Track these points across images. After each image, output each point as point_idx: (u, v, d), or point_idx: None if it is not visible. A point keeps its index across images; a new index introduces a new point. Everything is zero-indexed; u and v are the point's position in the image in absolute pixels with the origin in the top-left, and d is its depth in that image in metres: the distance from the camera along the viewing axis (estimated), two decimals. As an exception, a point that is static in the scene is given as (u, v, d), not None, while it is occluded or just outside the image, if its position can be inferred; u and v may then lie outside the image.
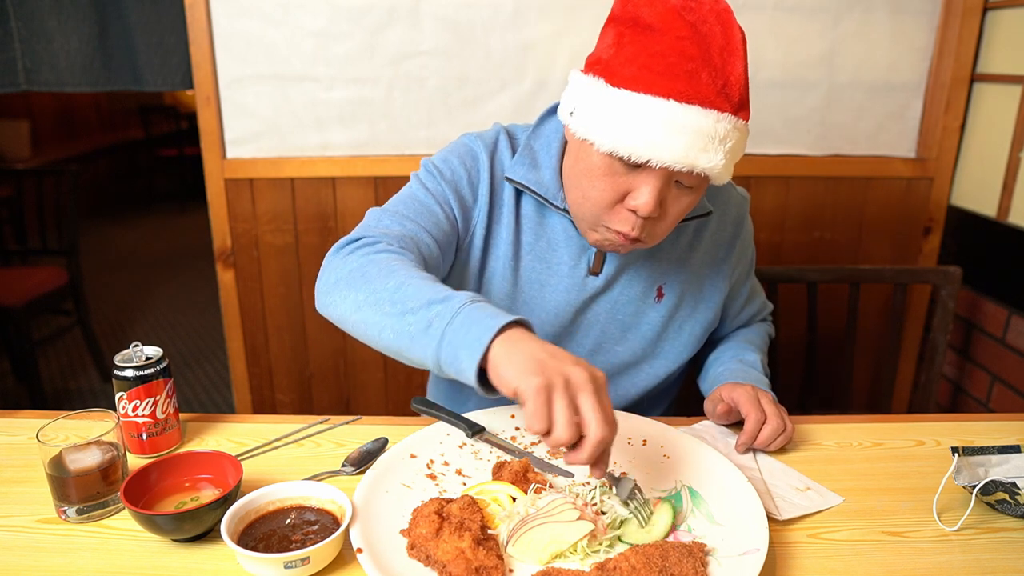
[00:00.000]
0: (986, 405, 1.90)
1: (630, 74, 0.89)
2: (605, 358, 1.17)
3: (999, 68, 1.85)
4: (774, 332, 1.36)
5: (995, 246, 1.86)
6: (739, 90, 0.89)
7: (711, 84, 0.87)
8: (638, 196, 0.92)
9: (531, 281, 1.12)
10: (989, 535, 0.85)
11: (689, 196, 0.96)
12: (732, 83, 0.88)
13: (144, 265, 5.22)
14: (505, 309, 0.98)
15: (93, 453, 0.87)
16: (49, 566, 0.78)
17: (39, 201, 3.09)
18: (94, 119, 6.56)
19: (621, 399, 1.20)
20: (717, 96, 0.88)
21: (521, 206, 1.11)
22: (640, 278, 1.13)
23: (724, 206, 1.18)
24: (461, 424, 1.02)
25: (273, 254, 2.04)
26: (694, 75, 0.87)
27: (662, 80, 0.87)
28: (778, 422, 0.99)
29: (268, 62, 1.88)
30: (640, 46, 0.90)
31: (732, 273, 1.21)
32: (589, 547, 0.77)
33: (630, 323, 1.15)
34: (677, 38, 0.87)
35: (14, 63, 1.83)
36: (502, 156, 1.11)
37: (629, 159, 0.90)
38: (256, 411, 2.15)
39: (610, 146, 0.90)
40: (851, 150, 2.01)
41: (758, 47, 1.90)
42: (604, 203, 0.96)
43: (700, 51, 0.87)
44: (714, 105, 0.87)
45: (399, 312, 0.83)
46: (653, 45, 0.89)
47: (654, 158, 0.88)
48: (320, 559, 0.76)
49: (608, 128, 0.90)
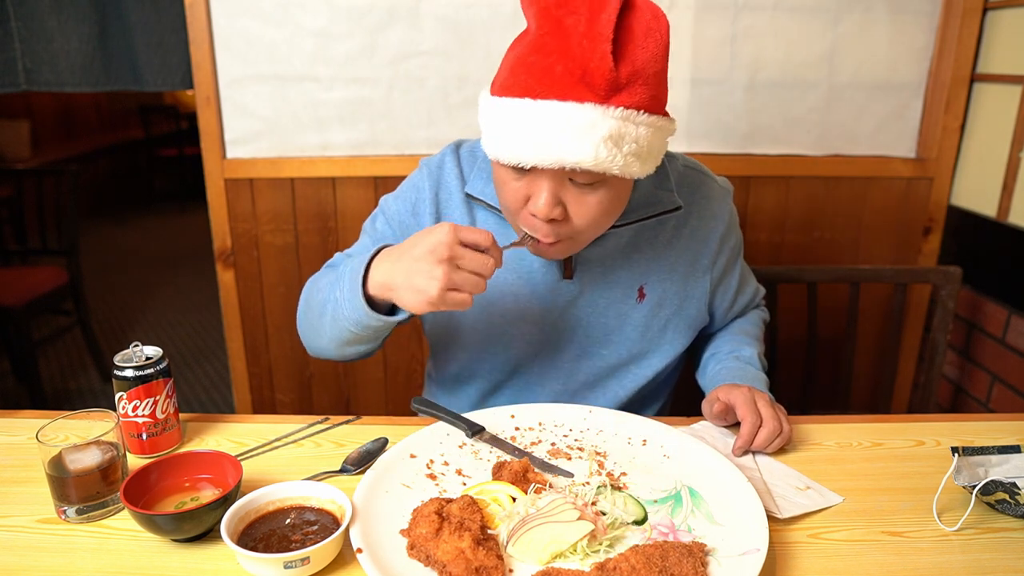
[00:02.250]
0: (986, 405, 1.91)
1: (500, 81, 0.92)
2: (592, 362, 1.17)
3: (999, 68, 1.85)
4: (768, 316, 1.34)
5: (995, 246, 1.86)
6: (604, 75, 0.84)
7: (566, 75, 0.85)
8: (535, 200, 0.93)
9: (504, 293, 1.12)
10: (989, 535, 0.85)
11: (595, 195, 0.93)
12: (593, 70, 0.84)
13: (144, 265, 5.22)
14: (483, 323, 1.12)
15: (93, 453, 0.87)
16: (49, 566, 0.78)
17: (39, 201, 3.09)
18: (94, 119, 6.56)
19: (612, 401, 1.19)
20: (575, 86, 0.85)
21: (484, 220, 1.12)
22: (619, 280, 1.12)
23: (704, 200, 1.15)
24: (461, 424, 1.02)
25: (273, 254, 2.04)
26: (548, 71, 0.86)
27: (519, 81, 0.88)
28: (775, 424, 0.99)
29: (268, 62, 1.88)
30: (512, 52, 0.92)
31: (714, 265, 1.17)
32: (589, 547, 0.77)
33: (613, 325, 1.14)
34: (539, 35, 0.88)
35: (14, 63, 1.83)
36: (447, 177, 1.13)
37: (508, 164, 0.91)
38: (256, 411, 2.15)
39: (493, 154, 0.93)
40: (851, 150, 2.01)
41: (758, 47, 1.90)
42: (513, 210, 0.97)
43: (558, 43, 0.86)
44: (571, 96, 0.85)
45: (320, 312, 1.05)
46: (519, 48, 0.90)
47: (520, 159, 0.88)
48: (320, 559, 0.76)
49: (489, 137, 0.93)
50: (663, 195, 1.09)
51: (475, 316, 1.14)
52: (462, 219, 1.12)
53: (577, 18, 0.85)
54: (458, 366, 1.23)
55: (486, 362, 1.18)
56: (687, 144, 1.96)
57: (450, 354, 1.22)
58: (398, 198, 1.17)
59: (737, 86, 1.93)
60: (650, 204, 1.08)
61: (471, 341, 1.17)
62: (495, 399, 1.23)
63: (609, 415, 1.07)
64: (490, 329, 1.15)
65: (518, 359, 1.17)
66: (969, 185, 1.97)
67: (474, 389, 1.23)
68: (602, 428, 1.05)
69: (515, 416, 1.07)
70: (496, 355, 1.17)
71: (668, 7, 1.85)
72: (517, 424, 1.05)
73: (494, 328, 1.14)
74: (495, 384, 1.21)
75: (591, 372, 1.18)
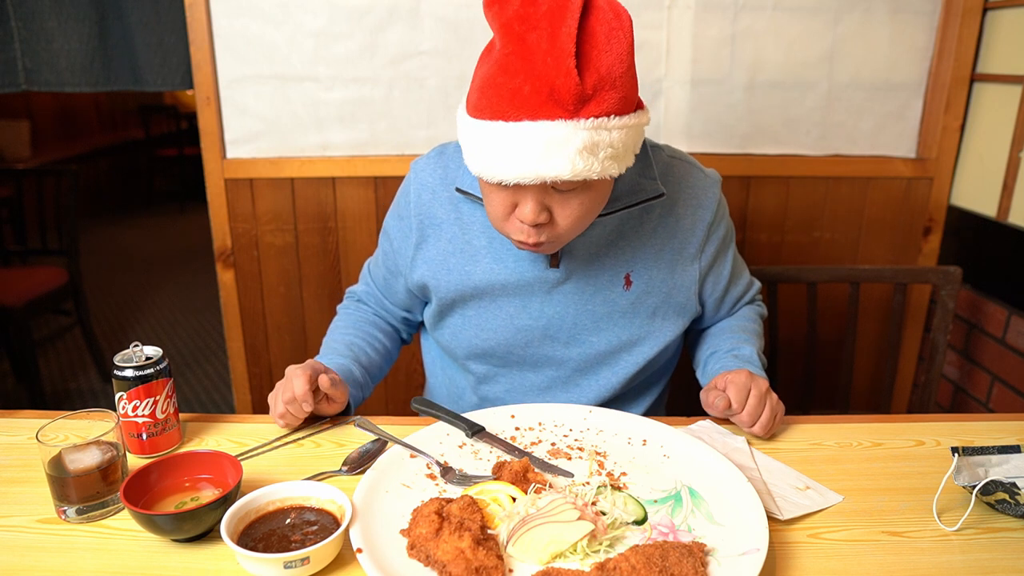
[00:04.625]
0: (986, 405, 1.91)
1: (473, 102, 0.94)
2: (582, 349, 1.18)
3: (999, 68, 1.85)
4: (766, 312, 1.35)
5: (995, 246, 1.86)
6: (571, 90, 0.86)
7: (534, 95, 0.87)
8: (521, 208, 0.97)
9: (493, 283, 1.15)
10: (989, 535, 0.85)
11: (578, 197, 0.97)
12: (560, 87, 0.86)
13: (144, 265, 5.22)
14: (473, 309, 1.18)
15: (93, 453, 0.87)
16: (49, 566, 0.78)
17: (39, 201, 3.09)
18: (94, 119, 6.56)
19: (604, 389, 1.20)
20: (544, 104, 0.87)
21: (470, 213, 1.15)
22: (604, 267, 1.14)
23: (690, 189, 1.16)
24: (461, 424, 1.02)
25: (273, 254, 2.04)
26: (516, 92, 0.88)
27: (491, 104, 0.91)
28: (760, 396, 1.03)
29: (268, 62, 1.88)
30: (481, 71, 0.94)
31: (702, 253, 1.18)
32: (589, 547, 0.77)
33: (601, 313, 1.16)
34: (504, 55, 0.89)
35: (14, 63, 1.84)
36: (428, 177, 1.18)
37: (491, 182, 0.95)
38: (256, 411, 2.15)
39: (476, 172, 0.96)
40: (851, 150, 2.01)
41: (758, 47, 1.90)
42: (499, 217, 1.00)
43: (524, 63, 0.88)
44: (541, 115, 0.88)
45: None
46: (487, 67, 0.92)
47: (502, 178, 0.92)
48: (320, 559, 0.76)
49: (469, 155, 0.96)
50: (646, 183, 1.11)
51: (462, 303, 1.18)
52: (446, 216, 1.16)
53: (539, 34, 0.87)
54: (452, 353, 1.26)
55: (479, 348, 1.20)
56: (687, 144, 1.96)
57: (444, 342, 1.25)
58: (391, 210, 1.25)
59: (737, 86, 1.93)
60: (633, 192, 1.10)
61: (463, 329, 1.20)
62: (489, 386, 1.25)
63: (609, 415, 1.07)
64: (480, 316, 1.18)
65: (509, 346, 1.19)
66: (969, 185, 1.97)
67: (471, 376, 1.26)
68: (602, 428, 1.05)
69: (515, 416, 1.07)
70: (487, 341, 1.19)
71: (668, 7, 1.85)
72: (517, 424, 1.05)
73: (485, 315, 1.17)
74: (488, 371, 1.23)
75: (582, 359, 1.19)
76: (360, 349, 1.22)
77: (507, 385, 1.23)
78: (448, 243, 1.16)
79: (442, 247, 1.17)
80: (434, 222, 1.17)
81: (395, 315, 1.32)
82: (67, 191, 3.01)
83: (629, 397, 1.25)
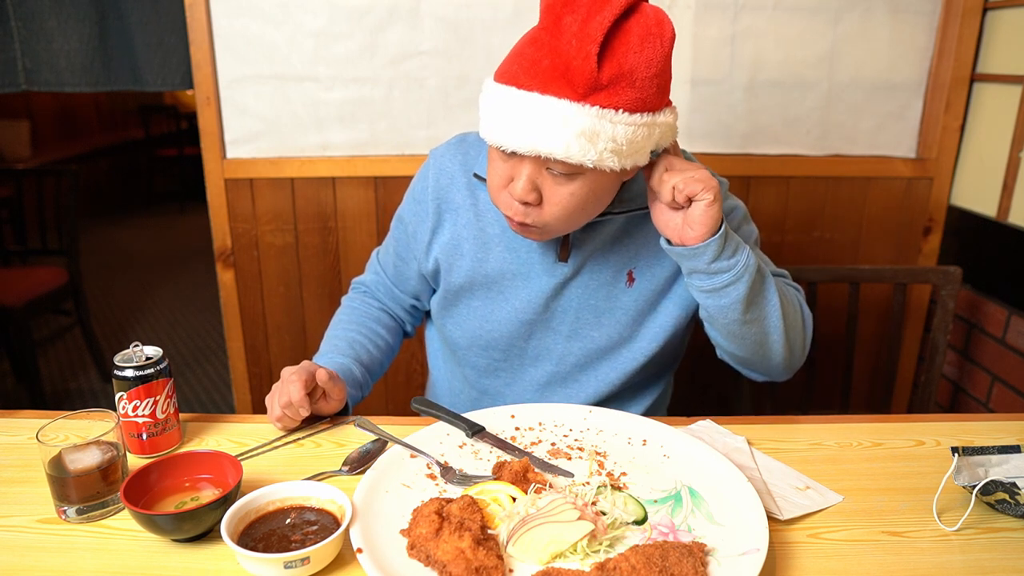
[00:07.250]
0: (986, 405, 1.91)
1: (501, 69, 0.96)
2: (583, 344, 1.19)
3: (999, 68, 1.85)
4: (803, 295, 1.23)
5: (995, 246, 1.86)
6: (585, 74, 0.88)
7: (551, 70, 0.90)
8: (515, 183, 0.98)
9: (503, 271, 1.16)
10: (989, 535, 0.85)
11: (570, 186, 0.97)
12: (575, 68, 0.88)
13: (144, 265, 5.21)
14: (480, 299, 1.18)
15: (93, 453, 0.87)
16: (49, 566, 0.78)
17: (39, 201, 3.08)
18: (94, 119, 6.56)
19: (603, 384, 1.21)
20: (556, 81, 0.89)
21: (487, 201, 1.16)
22: (608, 263, 1.15)
23: None
24: (461, 424, 1.02)
25: (273, 254, 2.04)
26: (536, 64, 0.91)
27: (511, 70, 0.93)
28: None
29: (268, 62, 1.88)
30: (519, 42, 0.96)
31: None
32: (589, 547, 0.77)
33: (603, 308, 1.17)
34: (540, 29, 0.93)
35: (14, 63, 1.84)
36: (449, 164, 1.19)
37: (493, 145, 0.97)
38: (256, 411, 2.15)
39: (484, 134, 0.98)
40: (851, 150, 2.01)
41: (758, 47, 1.90)
42: (495, 187, 1.02)
43: (552, 39, 0.90)
44: (550, 90, 0.89)
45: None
46: (523, 38, 0.95)
47: (502, 143, 0.94)
48: (320, 559, 0.76)
49: (482, 118, 0.98)
50: None
51: (472, 292, 1.19)
52: (463, 202, 1.17)
53: (575, 17, 0.89)
54: (454, 344, 1.26)
55: (482, 339, 1.21)
56: (687, 144, 1.96)
57: (447, 331, 1.25)
58: (406, 196, 1.25)
59: (737, 86, 1.93)
60: (644, 195, 1.11)
61: (468, 319, 1.21)
62: (490, 379, 1.25)
63: (609, 415, 1.07)
64: (486, 306, 1.19)
65: (511, 338, 1.19)
66: (969, 185, 1.97)
67: (472, 369, 1.26)
68: (602, 428, 1.05)
69: (515, 416, 1.07)
70: (491, 332, 1.19)
71: (668, 7, 1.85)
72: (517, 424, 1.05)
73: (491, 305, 1.18)
74: (489, 364, 1.24)
75: (583, 354, 1.19)
76: (362, 347, 1.22)
77: (507, 378, 1.24)
78: (464, 228, 1.17)
79: (457, 232, 1.17)
80: (451, 207, 1.18)
81: (403, 303, 1.32)
82: (67, 191, 3.01)
83: (629, 395, 1.25)
